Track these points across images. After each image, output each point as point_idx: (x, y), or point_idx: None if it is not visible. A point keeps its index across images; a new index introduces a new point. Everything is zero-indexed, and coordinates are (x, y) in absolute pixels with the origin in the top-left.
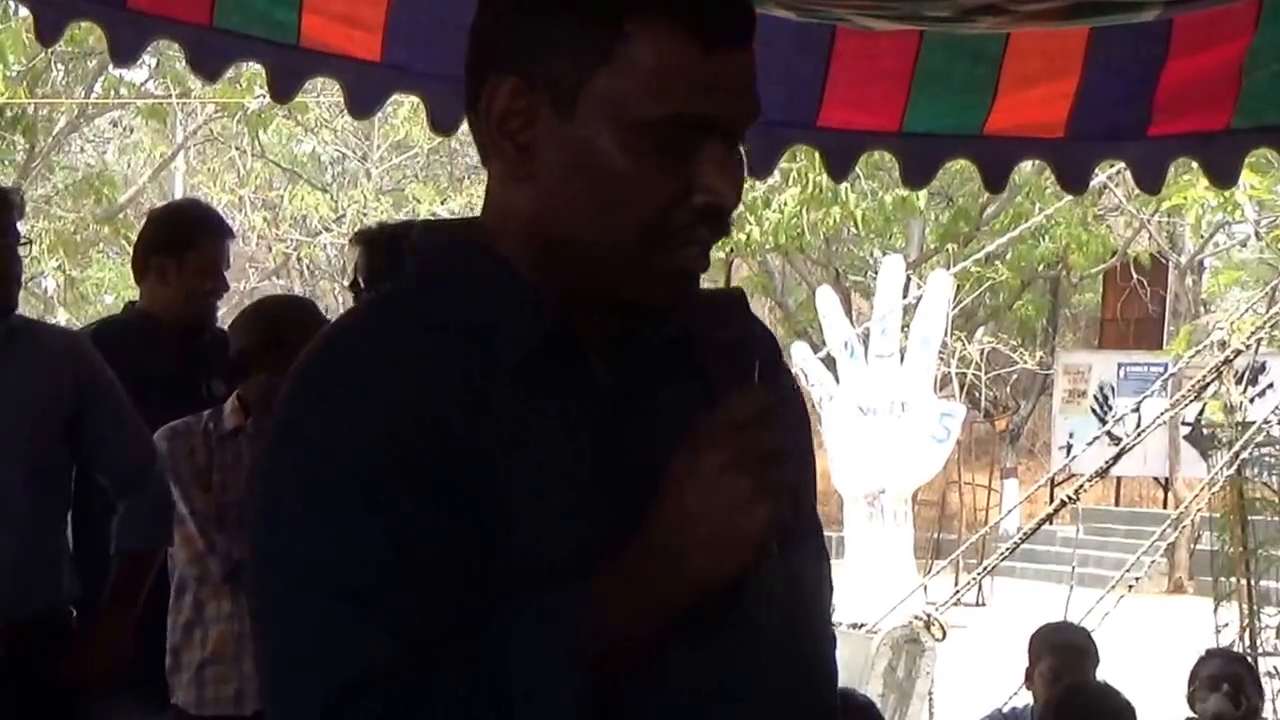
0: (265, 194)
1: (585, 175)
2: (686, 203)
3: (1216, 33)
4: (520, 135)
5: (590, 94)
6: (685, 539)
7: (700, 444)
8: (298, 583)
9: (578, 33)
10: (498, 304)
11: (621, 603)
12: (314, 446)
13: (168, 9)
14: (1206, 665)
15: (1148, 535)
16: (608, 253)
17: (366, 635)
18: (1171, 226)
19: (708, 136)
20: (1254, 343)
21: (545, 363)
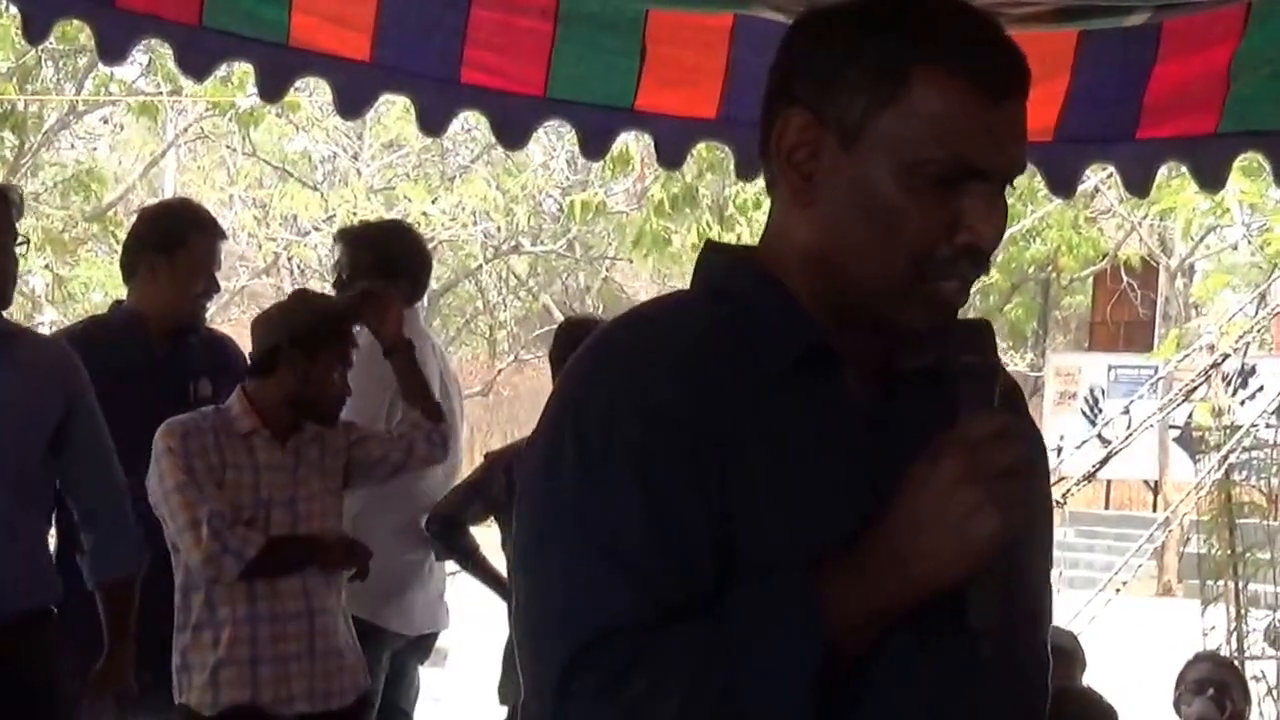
0: (255, 192)
1: (862, 206)
2: (951, 239)
3: (1205, 37)
4: (805, 166)
5: (873, 133)
6: (911, 542)
7: (938, 456)
8: (560, 540)
9: (867, 75)
10: (769, 317)
11: (850, 596)
12: (595, 420)
13: (156, 7)
14: (1192, 669)
15: (1136, 538)
16: (875, 278)
17: (616, 595)
18: (1162, 229)
19: (977, 179)
20: (1243, 346)
21: (806, 374)
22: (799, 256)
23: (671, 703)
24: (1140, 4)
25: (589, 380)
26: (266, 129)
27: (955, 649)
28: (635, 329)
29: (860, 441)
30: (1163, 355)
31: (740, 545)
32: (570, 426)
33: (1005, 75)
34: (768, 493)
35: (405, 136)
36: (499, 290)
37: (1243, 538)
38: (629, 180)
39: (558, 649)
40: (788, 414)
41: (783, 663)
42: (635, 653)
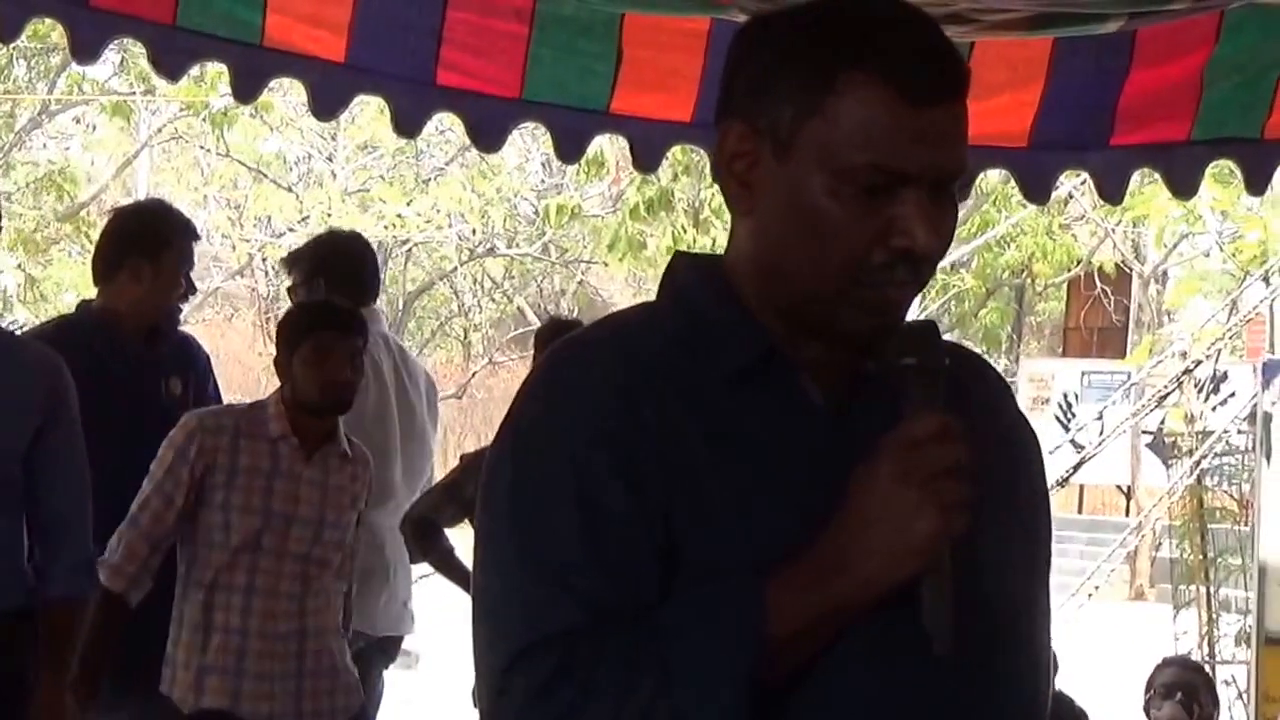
0: (229, 193)
1: (795, 214)
2: (886, 245)
3: (1178, 45)
4: (745, 175)
5: (803, 141)
6: (855, 543)
7: (880, 457)
8: (500, 552)
9: (795, 85)
10: (723, 325)
11: (795, 600)
12: (537, 434)
13: (130, 6)
14: (1161, 673)
15: (1109, 543)
16: (813, 285)
17: (551, 603)
18: (1135, 236)
19: (910, 184)
20: (1215, 353)
21: (758, 378)
22: (747, 264)
23: (603, 704)
24: (1114, 12)
25: (535, 394)
26: (240, 130)
27: (913, 652)
28: (589, 342)
29: (819, 445)
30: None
31: (688, 550)
32: (513, 440)
33: (932, 81)
34: (718, 498)
35: (380, 138)
36: (474, 293)
37: (1214, 543)
38: (604, 184)
39: (497, 654)
40: (741, 420)
41: (716, 662)
42: (567, 657)
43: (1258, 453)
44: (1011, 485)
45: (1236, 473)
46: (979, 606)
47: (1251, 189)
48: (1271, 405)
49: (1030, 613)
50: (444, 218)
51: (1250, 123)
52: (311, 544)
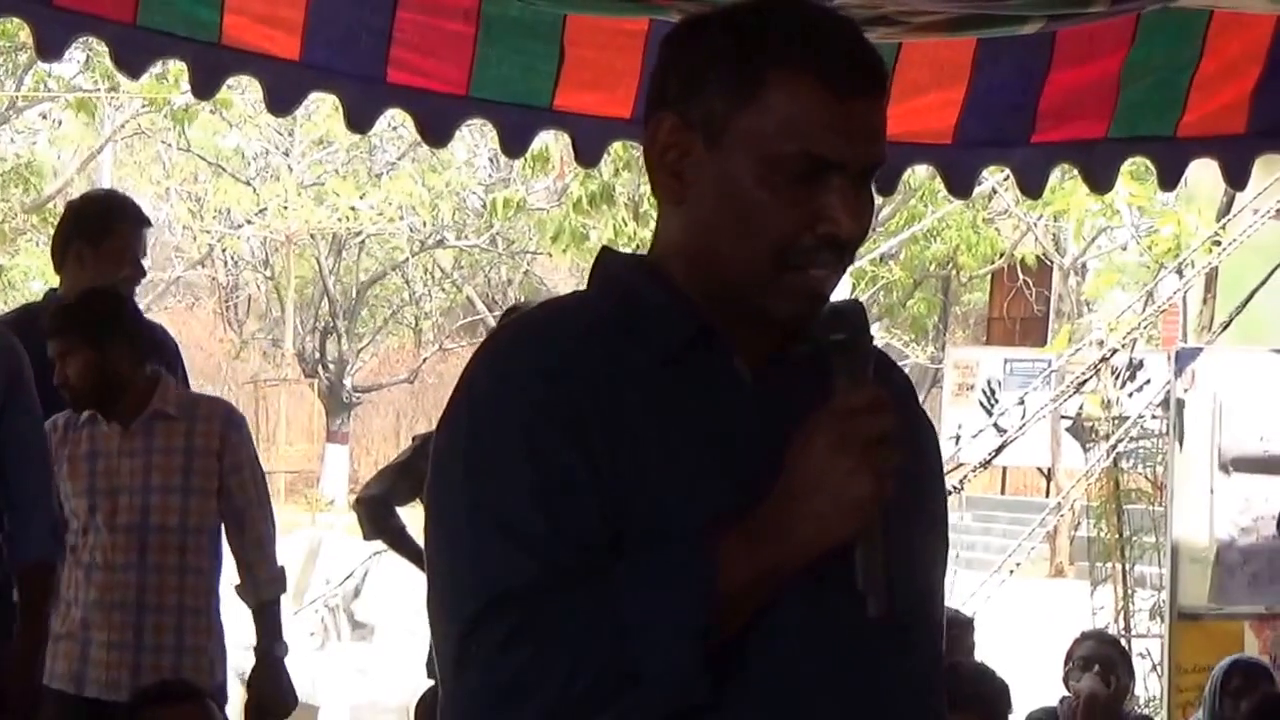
0: (190, 187)
1: (726, 202)
2: (812, 230)
3: (1097, 46)
4: (676, 165)
5: (733, 132)
6: (794, 507)
7: (815, 427)
8: (456, 515)
9: (727, 78)
10: (656, 307)
11: (740, 559)
12: (488, 402)
13: (93, 6)
14: (1080, 646)
15: (1030, 522)
16: (742, 270)
17: (507, 564)
18: (1056, 230)
19: (835, 173)
20: (1131, 341)
21: (692, 357)
22: (678, 253)
23: (562, 662)
24: (1034, 14)
25: (484, 366)
26: (201, 126)
27: (847, 612)
28: (531, 321)
29: (750, 420)
30: (1056, 349)
31: (634, 518)
32: (466, 408)
33: (856, 74)
34: (657, 469)
35: (334, 134)
36: (424, 282)
37: (1130, 522)
38: (549, 178)
39: (455, 619)
40: (676, 396)
41: (673, 619)
42: (525, 616)
43: (1171, 437)
44: (917, 476)
45: (1151, 456)
46: (899, 575)
47: (1165, 185)
48: (1184, 392)
49: (932, 593)
50: (396, 210)
51: (1164, 121)
52: (142, 515)
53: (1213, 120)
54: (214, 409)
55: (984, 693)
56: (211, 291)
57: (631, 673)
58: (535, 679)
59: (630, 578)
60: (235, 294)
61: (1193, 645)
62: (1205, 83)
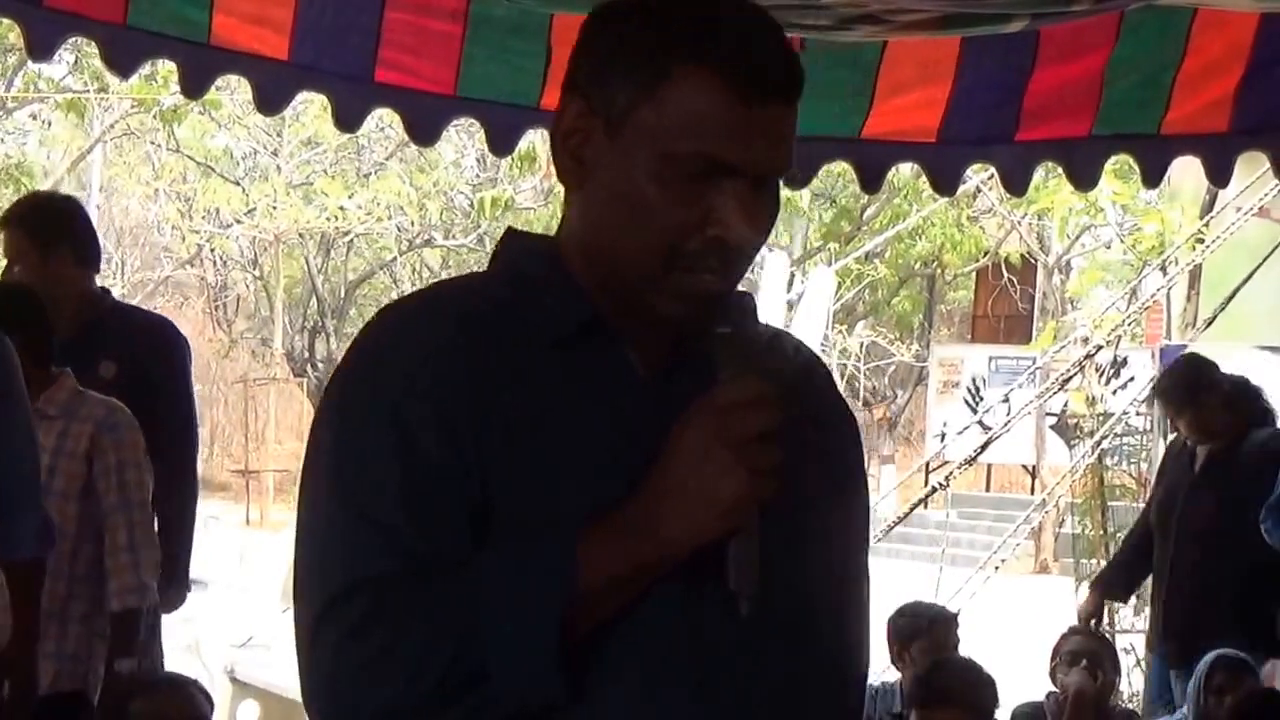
0: (179, 187)
1: (618, 194)
2: (701, 232)
3: (1080, 44)
4: (578, 151)
5: (634, 124)
6: (663, 503)
7: (690, 421)
8: (319, 499)
9: (632, 68)
10: (548, 295)
11: (604, 554)
12: (360, 384)
13: (83, 7)
14: (1067, 642)
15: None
16: (630, 265)
17: (365, 550)
18: (1040, 228)
19: (732, 177)
20: (1115, 339)
21: (581, 347)
22: (576, 240)
23: (412, 653)
24: (1019, 12)
25: (360, 351)
26: (190, 126)
27: (719, 612)
28: (412, 304)
29: (639, 412)
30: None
31: (503, 509)
32: (338, 395)
33: (765, 80)
34: (535, 459)
35: (322, 134)
36: (413, 282)
37: (1114, 519)
38: (536, 178)
39: (310, 602)
40: (562, 385)
41: (528, 615)
42: (379, 605)
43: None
44: (830, 468)
45: (1135, 452)
46: (788, 575)
47: (1148, 182)
48: None
49: (842, 585)
50: (384, 210)
51: (1148, 119)
52: None
53: (1196, 118)
54: (94, 411)
55: (971, 688)
56: (200, 291)
57: (483, 667)
58: (384, 668)
59: (489, 571)
60: (224, 294)
61: None
62: (1188, 81)
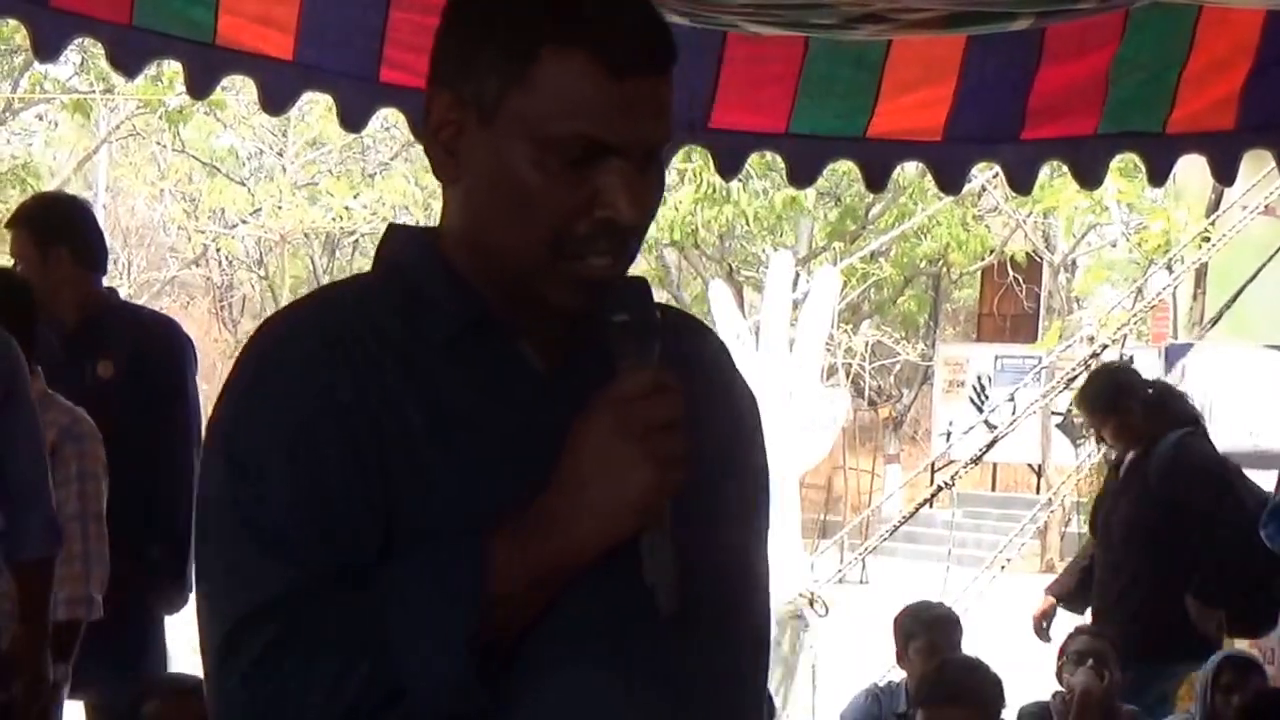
0: (185, 187)
1: (499, 184)
2: (588, 216)
3: (1086, 42)
4: (451, 144)
5: (507, 111)
6: (572, 501)
7: (593, 414)
8: (215, 521)
9: (500, 54)
10: (435, 291)
11: (515, 558)
12: (248, 400)
13: (89, 7)
14: (1074, 641)
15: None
16: (518, 256)
17: (266, 573)
18: (1046, 227)
19: (614, 156)
20: (1121, 337)
21: (474, 344)
22: (457, 235)
23: (325, 676)
24: (1024, 10)
25: (247, 363)
26: (195, 126)
27: (635, 609)
28: (302, 310)
29: (539, 408)
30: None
31: (408, 518)
32: (229, 410)
33: (636, 51)
34: (436, 465)
35: (328, 134)
36: None
37: None
38: None
39: (217, 626)
40: (458, 386)
41: (438, 626)
42: (287, 628)
43: None
44: (731, 447)
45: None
46: (700, 566)
47: (1153, 180)
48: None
49: (747, 574)
50: (389, 210)
51: (1153, 118)
52: None
53: (1201, 116)
54: (58, 418)
55: (977, 687)
56: (206, 291)
57: (398, 684)
58: (296, 694)
59: (397, 584)
60: (230, 294)
61: None
62: (1194, 78)
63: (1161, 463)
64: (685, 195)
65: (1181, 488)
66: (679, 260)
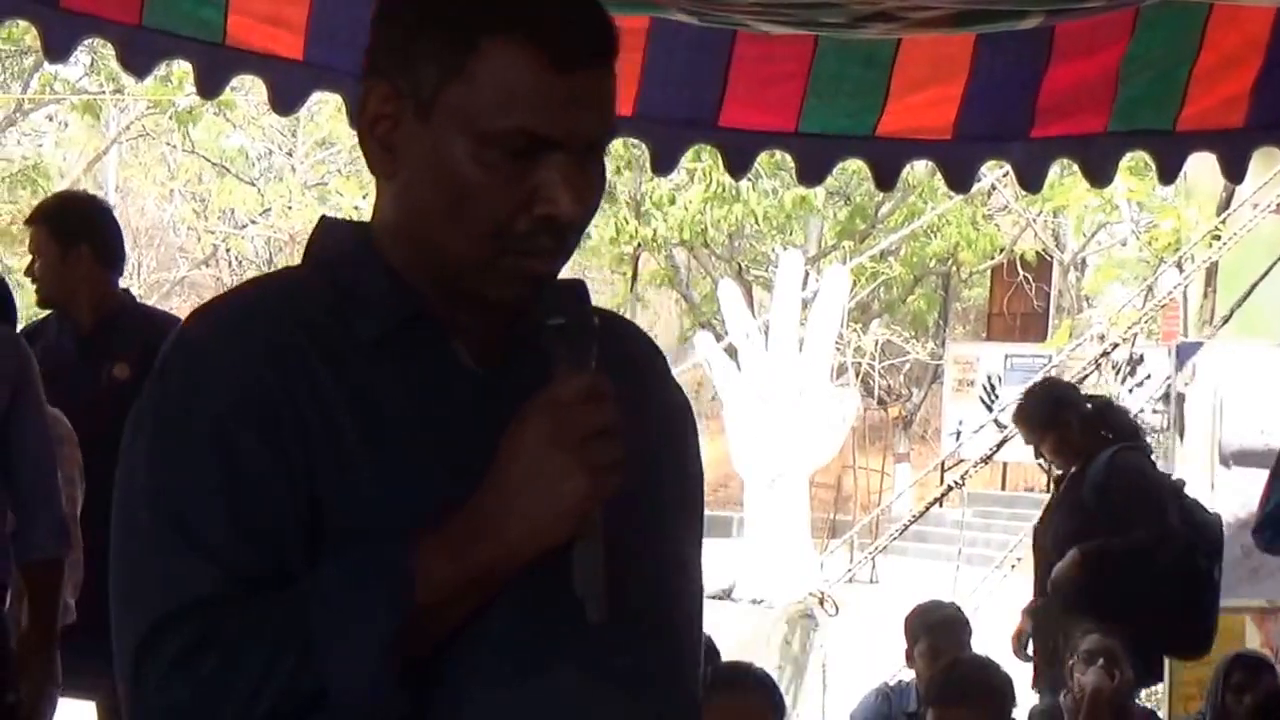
0: (195, 187)
1: (437, 179)
2: (529, 211)
3: (1095, 40)
4: (387, 137)
5: (445, 104)
6: (503, 507)
7: (526, 419)
8: (135, 520)
9: (437, 46)
10: (368, 288)
11: (443, 563)
12: (175, 395)
13: (99, 8)
14: (1084, 641)
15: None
16: (456, 252)
17: (188, 572)
18: (1056, 226)
19: (555, 150)
20: (1131, 336)
21: (408, 342)
22: (392, 230)
23: (247, 676)
24: (1033, 9)
25: (171, 360)
26: (205, 127)
27: (565, 617)
28: (228, 305)
29: (472, 409)
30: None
31: (335, 518)
32: (152, 401)
33: (577, 44)
34: (364, 466)
35: (337, 134)
36: None
37: None
38: None
39: (135, 626)
40: (388, 385)
41: (361, 632)
42: (207, 629)
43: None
44: (665, 451)
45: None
46: (635, 572)
47: (1163, 178)
48: (1185, 386)
49: (681, 578)
50: None
51: (1163, 115)
52: None
53: (1212, 114)
54: None
55: (988, 687)
56: (216, 291)
57: (320, 689)
58: (214, 698)
59: (320, 586)
60: None
61: None
62: (1204, 76)
63: (1096, 477)
64: (695, 194)
65: (1115, 502)
66: (688, 259)
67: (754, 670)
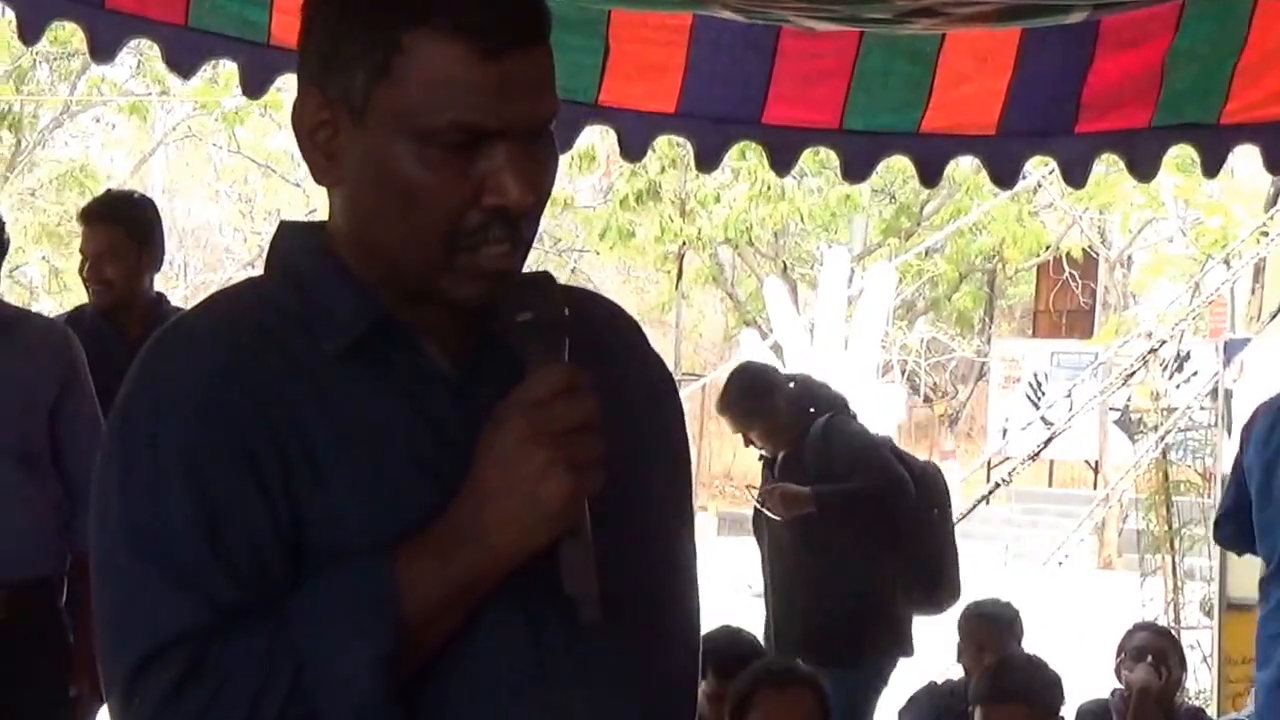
0: (240, 188)
1: (380, 183)
2: (478, 205)
3: (1141, 34)
4: (327, 145)
5: (378, 106)
6: (485, 511)
7: (501, 420)
8: (113, 552)
9: (361, 48)
10: (331, 297)
11: (427, 575)
12: (142, 420)
13: (145, 8)
14: (1132, 638)
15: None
16: (411, 255)
17: (171, 604)
18: (1102, 223)
19: (498, 139)
20: (1178, 332)
21: (376, 350)
22: (346, 237)
23: (239, 702)
24: (1079, 3)
25: (140, 378)
26: (251, 128)
27: (557, 621)
28: (191, 322)
29: (448, 414)
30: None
31: (315, 536)
32: (119, 428)
33: (503, 26)
34: (339, 478)
35: None
36: None
37: (1179, 514)
38: (595, 176)
39: (118, 664)
40: (361, 395)
41: (350, 650)
42: (195, 661)
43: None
44: (650, 434)
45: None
46: (627, 567)
47: (1207, 172)
48: (1232, 382)
49: (677, 569)
50: None
51: (1208, 109)
52: None
53: (1256, 107)
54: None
55: (1036, 685)
56: None
57: (313, 712)
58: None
59: (306, 607)
60: None
61: (1243, 637)
62: (1249, 69)
63: (815, 447)
64: (739, 193)
65: (841, 462)
66: (733, 258)
67: (801, 669)
